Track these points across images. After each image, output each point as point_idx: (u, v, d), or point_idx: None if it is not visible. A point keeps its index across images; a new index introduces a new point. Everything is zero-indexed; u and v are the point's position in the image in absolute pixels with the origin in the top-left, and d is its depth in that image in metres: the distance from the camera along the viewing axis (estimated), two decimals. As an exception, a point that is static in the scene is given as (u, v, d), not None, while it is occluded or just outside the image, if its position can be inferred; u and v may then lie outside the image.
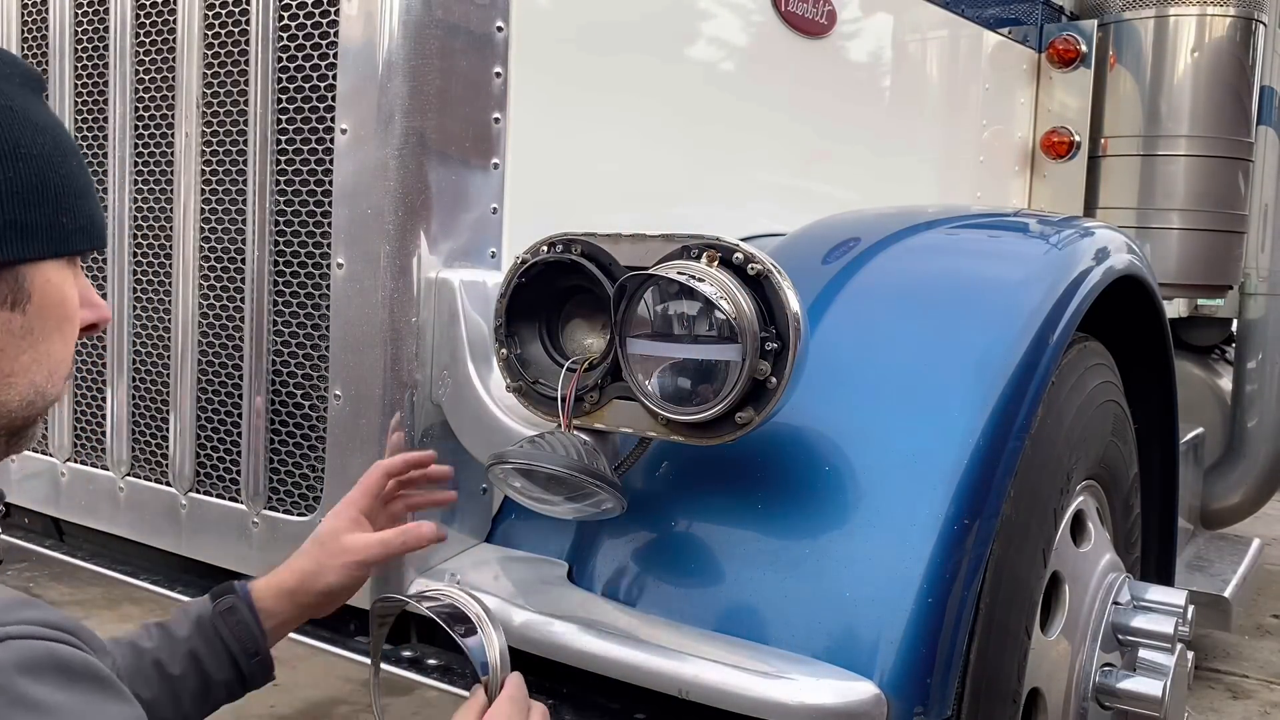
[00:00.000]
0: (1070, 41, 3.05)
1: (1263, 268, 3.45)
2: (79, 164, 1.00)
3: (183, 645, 1.24)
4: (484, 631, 1.14)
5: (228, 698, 1.29)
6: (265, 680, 1.30)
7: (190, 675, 1.23)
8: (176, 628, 1.25)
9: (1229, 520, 3.61)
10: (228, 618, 1.26)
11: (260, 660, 1.28)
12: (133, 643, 1.23)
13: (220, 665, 1.25)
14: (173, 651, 1.23)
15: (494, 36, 1.52)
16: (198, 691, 1.25)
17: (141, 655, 1.22)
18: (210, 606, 1.27)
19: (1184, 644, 1.71)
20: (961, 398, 1.37)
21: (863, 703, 1.17)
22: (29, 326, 0.94)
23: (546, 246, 1.38)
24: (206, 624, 1.25)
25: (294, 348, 1.56)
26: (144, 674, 1.21)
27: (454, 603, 1.17)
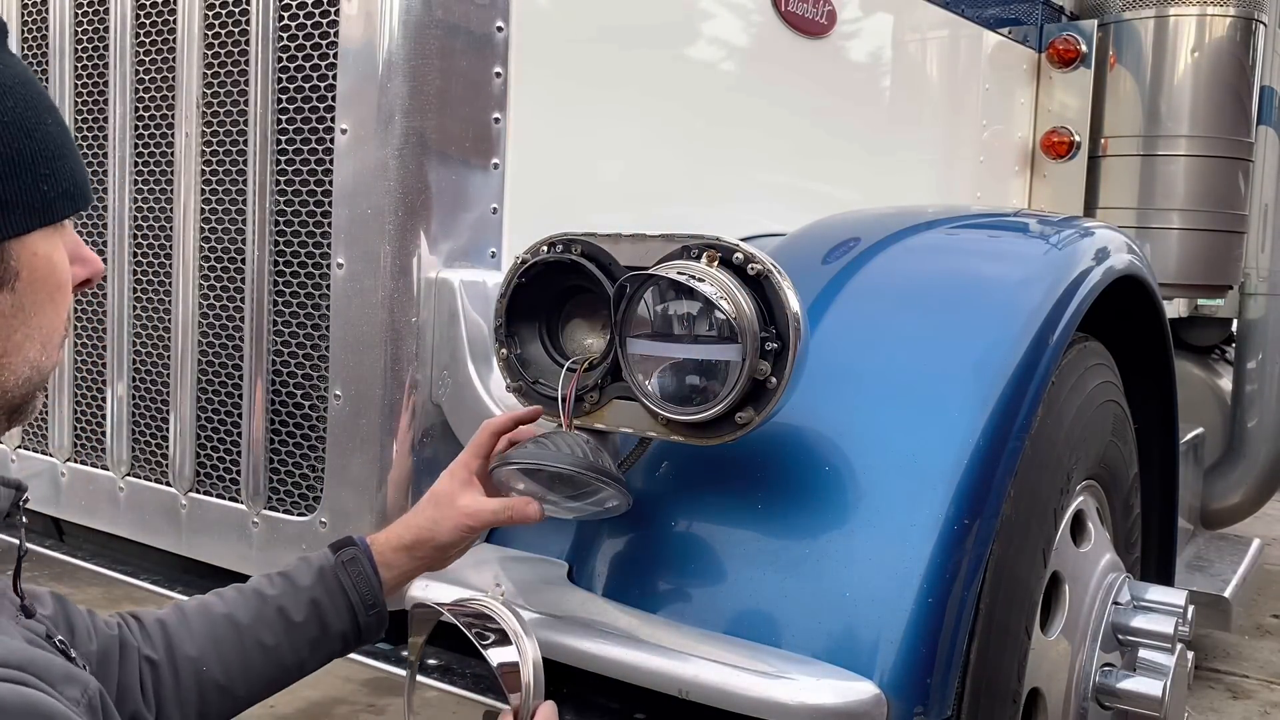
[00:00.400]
0: (1070, 41, 3.05)
1: (1263, 268, 3.45)
2: (54, 120, 0.94)
3: (305, 594, 1.25)
4: (520, 649, 1.11)
5: (342, 649, 1.29)
6: (379, 634, 1.31)
7: (311, 623, 1.24)
8: (299, 576, 1.26)
9: (1229, 520, 3.61)
10: (350, 569, 1.26)
11: (377, 613, 1.28)
12: (257, 589, 1.25)
13: (339, 615, 1.26)
14: (296, 599, 1.24)
15: (494, 36, 1.52)
16: (316, 640, 1.25)
17: (266, 601, 1.23)
18: (332, 558, 1.27)
19: (1184, 644, 1.71)
20: (961, 398, 1.37)
21: (863, 703, 1.17)
22: (19, 304, 0.91)
23: (546, 246, 1.38)
24: (329, 574, 1.26)
25: (294, 348, 1.56)
26: (267, 620, 1.23)
27: (490, 614, 1.14)
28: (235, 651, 1.20)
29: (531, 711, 1.10)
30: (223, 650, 1.20)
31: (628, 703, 1.36)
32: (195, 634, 1.20)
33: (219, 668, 1.19)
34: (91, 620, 1.15)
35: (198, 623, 1.21)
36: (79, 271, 1.00)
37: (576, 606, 1.34)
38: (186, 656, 1.18)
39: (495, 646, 1.10)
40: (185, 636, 1.19)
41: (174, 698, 1.17)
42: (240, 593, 1.25)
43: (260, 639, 1.22)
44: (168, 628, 1.20)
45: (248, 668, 1.21)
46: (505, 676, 1.09)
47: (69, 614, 1.13)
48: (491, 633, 1.11)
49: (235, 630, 1.21)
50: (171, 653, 1.18)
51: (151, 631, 1.19)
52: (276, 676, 1.25)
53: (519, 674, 1.09)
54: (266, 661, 1.23)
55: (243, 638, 1.21)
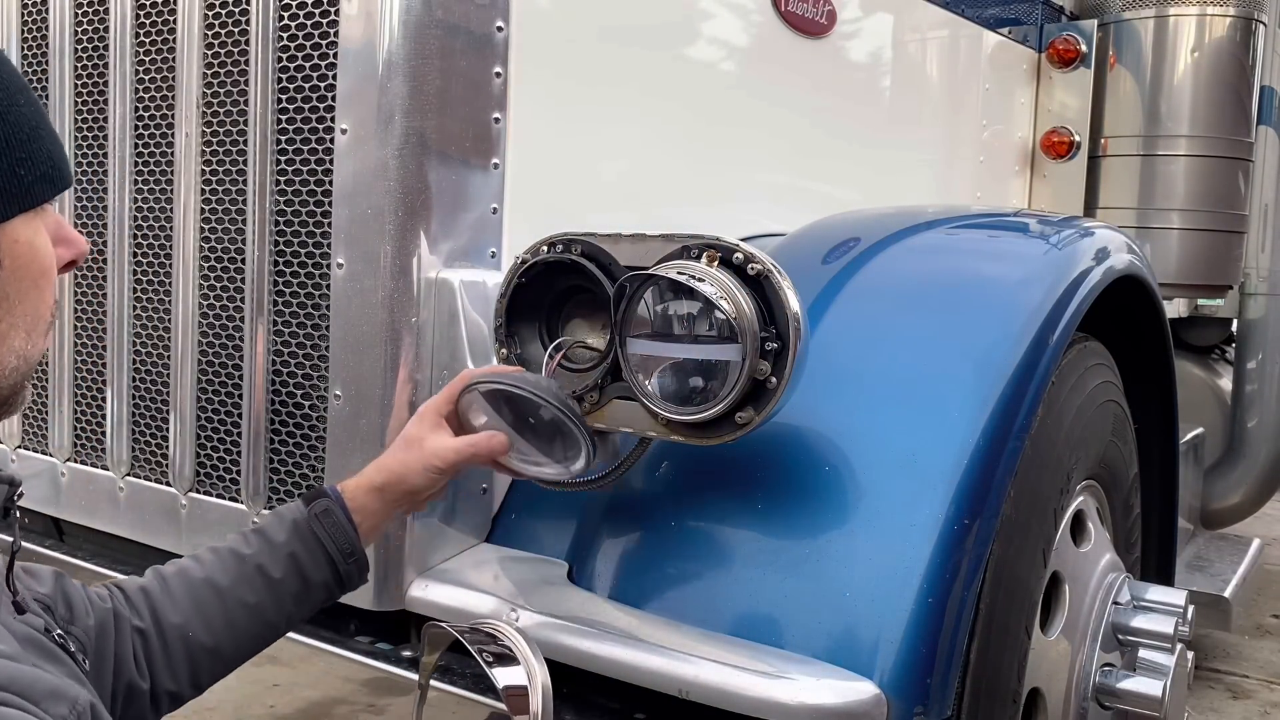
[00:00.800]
0: (1070, 41, 3.05)
1: (1263, 268, 3.45)
2: (27, 100, 0.91)
3: (282, 549, 1.26)
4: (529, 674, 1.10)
5: (326, 598, 1.31)
6: (361, 580, 1.32)
7: (291, 577, 1.25)
8: (274, 533, 1.27)
9: (1229, 520, 3.61)
10: (324, 520, 1.27)
11: (356, 561, 1.29)
12: (233, 550, 1.25)
13: (319, 567, 1.27)
14: (273, 556, 1.25)
15: (494, 36, 1.52)
16: (298, 593, 1.27)
17: (244, 561, 1.24)
18: (305, 510, 1.28)
19: (1184, 644, 1.71)
20: (961, 398, 1.37)
21: (863, 703, 1.17)
22: (3, 292, 0.88)
23: (546, 246, 1.38)
24: (304, 527, 1.27)
25: (294, 348, 1.56)
26: (247, 578, 1.24)
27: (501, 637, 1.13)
28: (219, 614, 1.22)
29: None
30: (206, 614, 1.21)
31: (628, 703, 1.36)
32: (178, 601, 1.21)
33: (205, 632, 1.21)
34: (87, 595, 1.16)
35: (179, 589, 1.22)
36: (63, 253, 0.98)
37: (576, 606, 1.34)
38: (171, 624, 1.19)
39: (504, 667, 1.10)
40: (168, 604, 1.20)
41: (164, 664, 1.19)
42: (217, 554, 1.25)
43: (242, 599, 1.23)
44: (151, 596, 1.21)
45: (233, 628, 1.23)
46: (512, 700, 1.09)
47: (67, 591, 1.13)
48: (503, 656, 1.11)
49: (216, 593, 1.22)
50: (158, 621, 1.19)
51: (136, 601, 1.20)
52: (263, 633, 1.26)
53: (526, 698, 1.08)
54: (251, 620, 1.24)
55: (225, 600, 1.22)
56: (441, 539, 1.50)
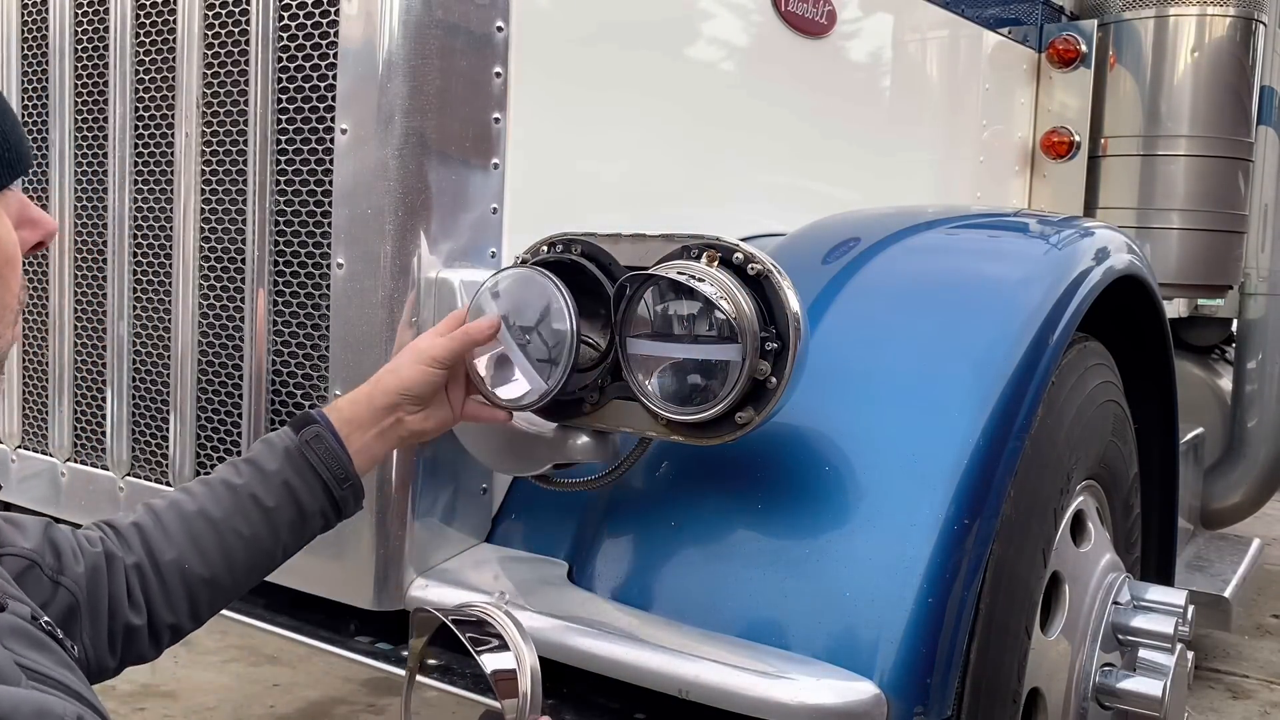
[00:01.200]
0: (1070, 41, 3.05)
1: (1263, 268, 3.46)
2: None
3: (275, 477, 1.24)
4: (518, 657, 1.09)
5: (323, 527, 1.30)
6: (357, 506, 1.31)
7: (285, 506, 1.24)
8: (265, 461, 1.25)
9: (1229, 520, 3.61)
10: (315, 446, 1.26)
11: (351, 486, 1.28)
12: (225, 480, 1.24)
13: (314, 494, 1.26)
14: (266, 484, 1.24)
15: (494, 36, 1.52)
16: (294, 521, 1.25)
17: (236, 491, 1.23)
18: (295, 437, 1.27)
19: (1184, 644, 1.71)
20: (961, 398, 1.37)
21: (863, 702, 1.17)
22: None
23: (546, 246, 1.38)
24: (295, 454, 1.26)
25: (294, 348, 1.56)
26: (241, 509, 1.23)
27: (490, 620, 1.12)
28: (214, 546, 1.21)
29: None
30: (201, 546, 1.20)
31: (628, 703, 1.36)
32: (172, 535, 1.20)
33: (201, 564, 1.20)
34: (76, 540, 1.15)
35: (173, 523, 1.21)
36: (28, 235, 0.96)
37: (576, 606, 1.34)
38: (167, 559, 1.19)
39: (492, 653, 1.09)
40: (162, 539, 1.19)
41: (162, 599, 1.18)
42: (209, 486, 1.24)
43: (237, 529, 1.22)
44: (144, 531, 1.20)
45: (230, 559, 1.22)
46: (500, 684, 1.08)
47: (55, 540, 1.13)
48: (490, 639, 1.10)
49: (210, 524, 1.21)
50: (152, 556, 1.18)
51: (129, 537, 1.19)
52: (260, 563, 1.25)
53: (515, 681, 1.07)
54: (248, 550, 1.23)
55: (219, 531, 1.21)
56: (441, 539, 1.50)
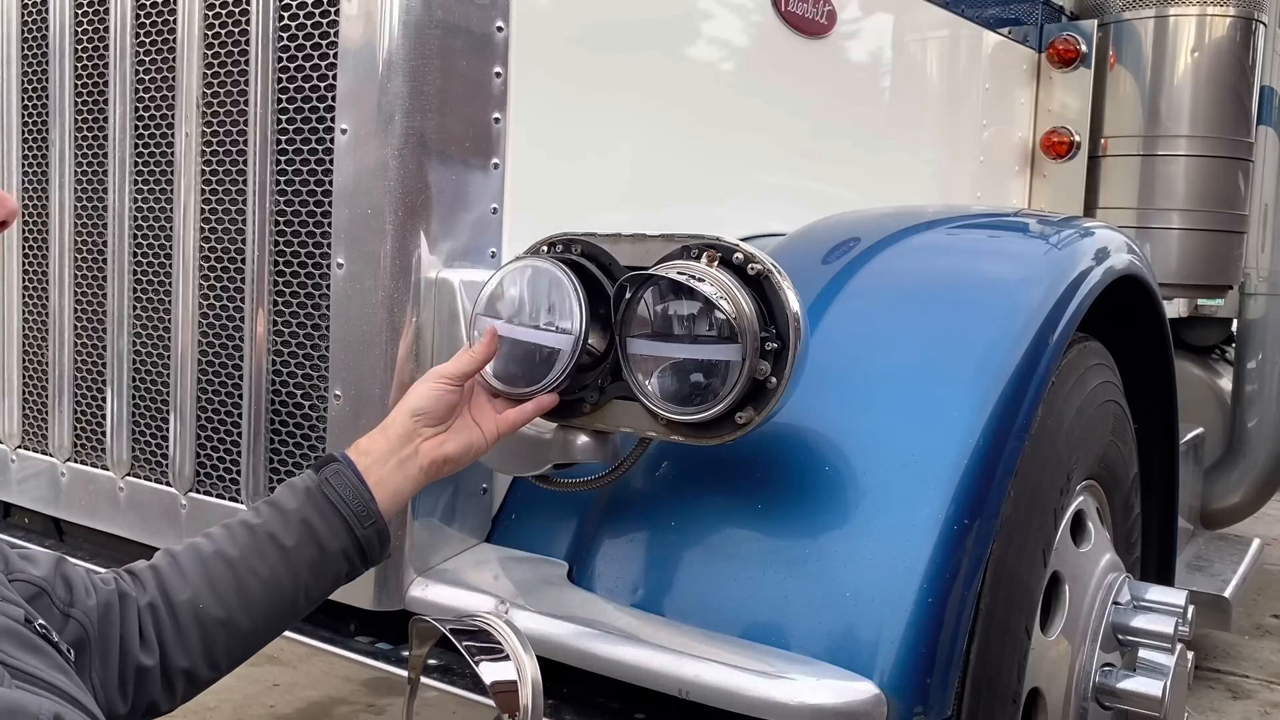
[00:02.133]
0: (1070, 41, 3.05)
1: (1263, 268, 3.45)
2: None
3: (294, 515, 1.21)
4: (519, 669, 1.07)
5: (349, 571, 1.25)
6: (384, 551, 1.27)
7: (305, 545, 1.20)
8: (285, 500, 1.22)
9: (1229, 520, 3.61)
10: (334, 482, 1.23)
11: (374, 525, 1.24)
12: (243, 521, 1.22)
13: (335, 533, 1.22)
14: (285, 523, 1.20)
15: (494, 36, 1.52)
16: (314, 561, 1.21)
17: (254, 531, 1.20)
18: (315, 477, 1.24)
19: (1184, 644, 1.71)
20: (961, 398, 1.37)
21: (863, 703, 1.17)
22: None
23: (546, 246, 1.38)
24: (315, 492, 1.22)
25: (294, 348, 1.56)
26: (258, 548, 1.19)
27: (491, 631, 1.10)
28: (230, 585, 1.18)
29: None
30: (217, 586, 1.17)
31: (628, 703, 1.36)
32: (187, 575, 1.17)
33: (216, 604, 1.17)
34: (90, 579, 1.14)
35: (189, 563, 1.19)
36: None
37: (576, 606, 1.34)
38: (182, 599, 1.16)
39: (493, 663, 1.07)
40: (177, 578, 1.17)
41: (175, 640, 1.15)
42: (227, 528, 1.22)
43: (254, 568, 1.19)
44: (160, 572, 1.18)
45: (247, 600, 1.18)
46: (500, 696, 1.06)
47: (67, 574, 1.11)
48: (491, 649, 1.08)
49: (227, 564, 1.18)
50: (166, 596, 1.16)
51: (144, 579, 1.17)
52: (280, 606, 1.21)
53: (516, 694, 1.06)
54: (266, 591, 1.19)
55: (236, 570, 1.18)
56: (441, 539, 1.50)
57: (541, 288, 1.33)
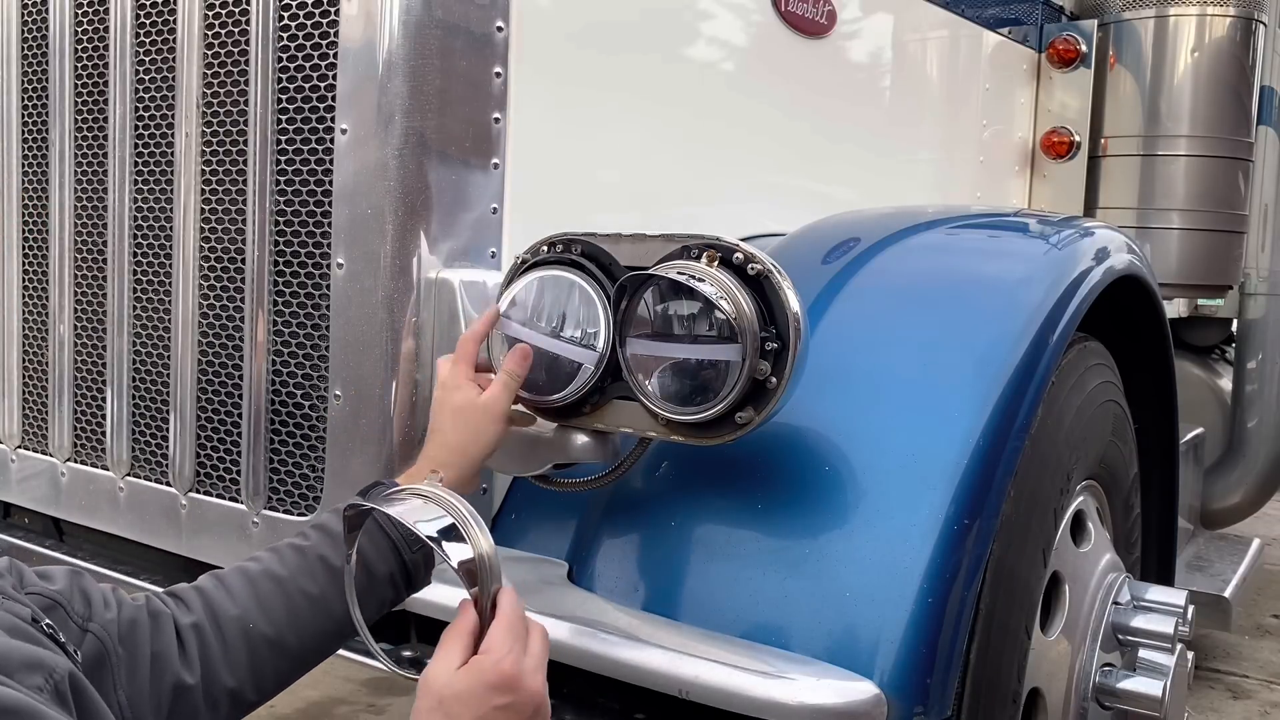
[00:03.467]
0: (1070, 41, 3.05)
1: (1263, 268, 3.45)
2: None
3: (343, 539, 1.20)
4: (469, 536, 1.02)
5: (395, 596, 1.24)
6: (427, 576, 1.27)
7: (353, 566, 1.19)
8: (334, 524, 1.21)
9: (1229, 520, 3.61)
10: None
11: (422, 549, 1.23)
12: (292, 544, 1.21)
13: (383, 557, 1.21)
14: (335, 546, 1.19)
15: (494, 36, 1.52)
16: (363, 585, 1.19)
17: (303, 553, 1.20)
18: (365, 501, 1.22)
19: (1184, 644, 1.71)
20: (961, 397, 1.37)
21: (863, 703, 1.17)
22: None
23: (546, 246, 1.38)
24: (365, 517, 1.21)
25: (294, 348, 1.56)
26: (309, 570, 1.19)
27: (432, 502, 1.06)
28: (280, 604, 1.16)
29: (491, 599, 1.04)
30: (266, 605, 1.16)
31: (628, 703, 1.36)
32: (235, 594, 1.16)
33: (265, 622, 1.15)
34: (115, 595, 1.12)
35: (237, 583, 1.17)
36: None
37: (576, 606, 1.34)
38: (230, 616, 1.14)
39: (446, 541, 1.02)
40: (225, 598, 1.16)
41: (222, 658, 1.13)
42: (275, 551, 1.21)
43: (304, 589, 1.18)
44: (205, 593, 1.17)
45: (296, 620, 1.17)
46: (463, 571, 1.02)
47: (85, 589, 1.09)
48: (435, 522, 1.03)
49: (276, 583, 1.17)
50: (214, 615, 1.14)
51: (189, 600, 1.16)
52: (329, 628, 1.20)
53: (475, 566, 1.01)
54: (315, 612, 1.18)
55: (285, 589, 1.17)
56: (441, 539, 1.50)
57: (566, 297, 1.33)
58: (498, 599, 1.05)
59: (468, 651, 1.02)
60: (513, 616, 1.04)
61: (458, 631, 1.03)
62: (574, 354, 1.33)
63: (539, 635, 1.07)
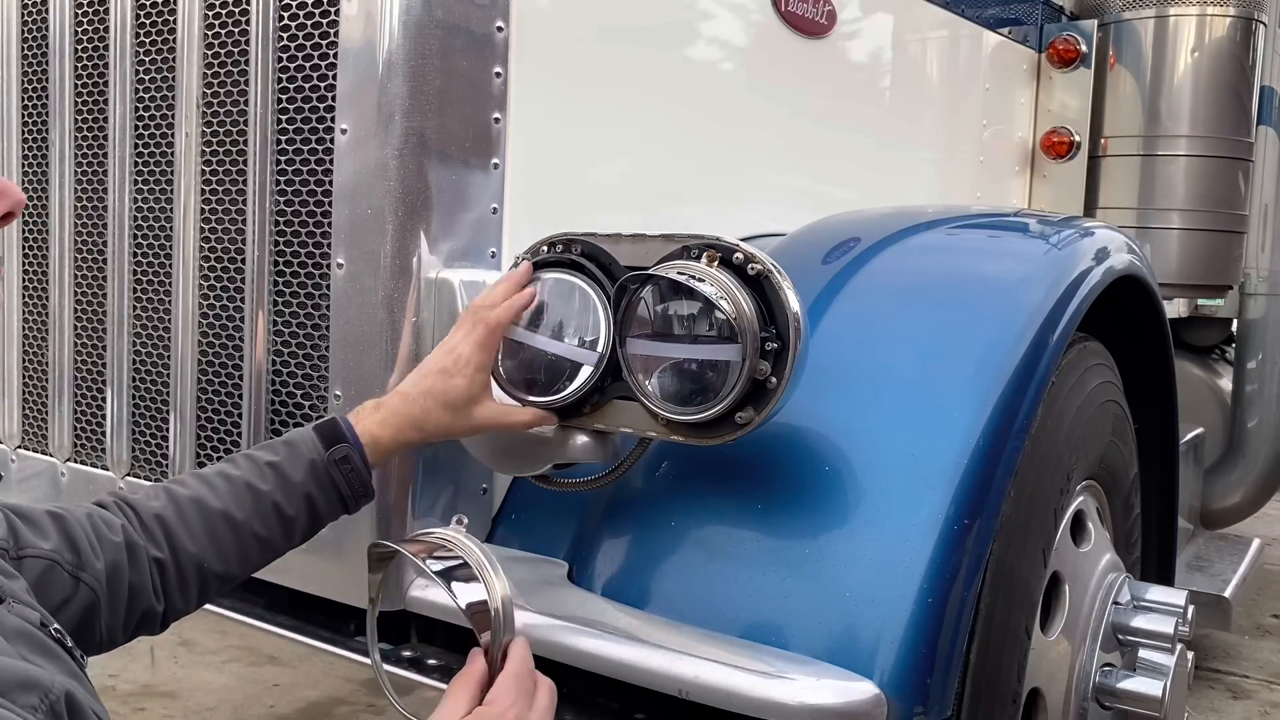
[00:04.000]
0: (1070, 41, 3.05)
1: (1263, 268, 3.45)
2: None
3: (298, 489, 1.27)
4: (485, 583, 1.03)
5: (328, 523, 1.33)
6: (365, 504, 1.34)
7: (303, 515, 1.28)
8: (291, 470, 1.27)
9: (1229, 520, 3.61)
10: (343, 467, 1.28)
11: (366, 497, 1.32)
12: (249, 484, 1.26)
13: (331, 508, 1.29)
14: (289, 494, 1.26)
15: (494, 36, 1.52)
16: (307, 529, 1.29)
17: (260, 496, 1.25)
18: (324, 453, 1.28)
19: (1184, 644, 1.71)
20: (961, 397, 1.37)
21: (863, 703, 1.17)
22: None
23: (546, 246, 1.38)
24: (321, 470, 1.27)
25: (294, 348, 1.56)
26: (262, 514, 1.25)
27: (450, 548, 1.08)
28: (233, 546, 1.24)
29: (502, 650, 1.04)
30: (221, 546, 1.23)
31: (628, 703, 1.36)
32: (194, 532, 1.22)
33: (218, 561, 1.23)
34: (95, 532, 1.15)
35: (196, 520, 1.23)
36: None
37: (576, 606, 1.34)
38: (188, 553, 1.21)
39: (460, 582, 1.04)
40: (185, 535, 1.22)
41: (178, 589, 1.22)
42: (232, 484, 1.26)
43: (255, 532, 1.25)
44: (168, 525, 1.22)
45: (244, 557, 1.25)
46: (475, 616, 1.03)
47: (72, 536, 1.13)
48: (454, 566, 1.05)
49: (232, 526, 1.24)
50: (174, 551, 1.21)
51: (152, 529, 1.21)
52: (267, 559, 1.29)
53: (488, 612, 1.03)
54: (261, 550, 1.27)
55: (239, 532, 1.24)
56: (441, 539, 1.50)
57: (567, 299, 1.33)
58: (509, 649, 1.06)
59: (474, 701, 1.03)
60: (521, 669, 1.06)
61: (465, 680, 1.05)
62: (574, 354, 1.33)
63: (546, 690, 1.09)
